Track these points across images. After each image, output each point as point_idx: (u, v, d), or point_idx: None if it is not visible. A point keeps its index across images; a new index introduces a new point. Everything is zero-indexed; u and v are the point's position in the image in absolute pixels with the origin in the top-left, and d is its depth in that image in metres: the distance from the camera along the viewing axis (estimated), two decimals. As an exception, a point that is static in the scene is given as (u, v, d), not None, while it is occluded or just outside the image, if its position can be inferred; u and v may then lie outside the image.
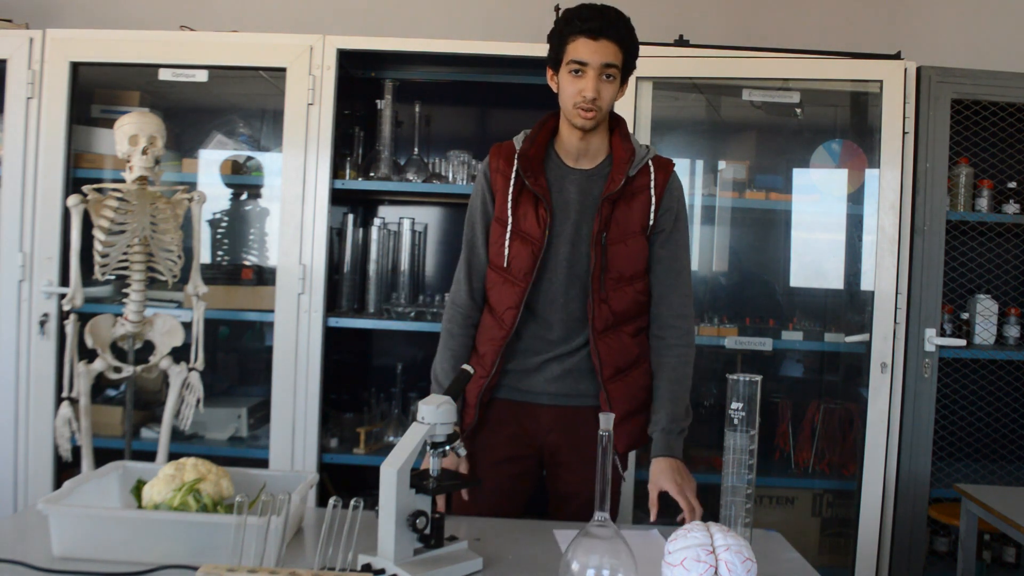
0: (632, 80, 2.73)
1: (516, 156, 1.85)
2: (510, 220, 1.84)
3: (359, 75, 3.16)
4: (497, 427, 1.90)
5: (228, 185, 3.20)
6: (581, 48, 1.76)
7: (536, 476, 1.95)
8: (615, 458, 1.88)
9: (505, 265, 1.85)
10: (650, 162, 1.86)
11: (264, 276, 3.06)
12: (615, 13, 1.78)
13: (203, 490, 1.53)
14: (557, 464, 1.91)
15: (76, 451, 2.31)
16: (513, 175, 1.85)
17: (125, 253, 2.21)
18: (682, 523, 1.70)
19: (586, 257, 1.83)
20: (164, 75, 2.81)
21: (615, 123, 1.90)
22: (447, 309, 1.96)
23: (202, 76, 2.82)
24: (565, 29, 1.78)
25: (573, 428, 1.87)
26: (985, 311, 2.98)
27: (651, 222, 1.85)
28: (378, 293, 3.07)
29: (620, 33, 1.76)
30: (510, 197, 1.85)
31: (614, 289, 1.83)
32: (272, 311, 2.78)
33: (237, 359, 3.37)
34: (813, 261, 3.20)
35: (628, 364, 1.86)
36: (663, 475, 1.78)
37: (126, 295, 2.25)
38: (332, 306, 2.92)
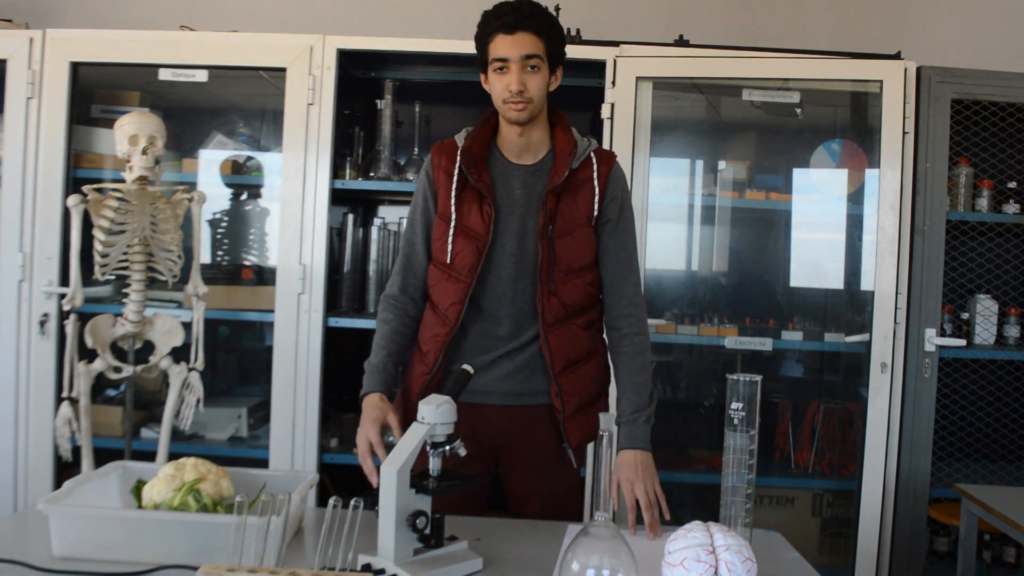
0: (632, 80, 2.75)
1: (459, 153, 1.85)
2: (453, 217, 1.84)
3: (359, 75, 3.16)
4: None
5: (228, 185, 3.20)
6: (500, 45, 1.77)
7: (493, 474, 1.94)
8: (570, 453, 1.88)
9: (449, 262, 1.85)
10: (592, 154, 1.87)
11: (264, 276, 3.06)
12: (529, 6, 1.79)
13: (203, 490, 1.53)
14: (512, 465, 1.91)
15: (76, 451, 2.31)
16: (456, 172, 1.85)
17: (125, 253, 2.21)
18: (640, 520, 1.72)
19: (533, 251, 1.83)
20: (164, 75, 2.81)
21: (556, 117, 1.90)
22: (380, 302, 1.94)
23: (202, 76, 2.82)
24: (484, 30, 1.80)
25: (525, 428, 1.87)
26: (985, 311, 2.97)
27: (596, 212, 1.85)
28: (378, 293, 3.06)
29: (536, 22, 1.77)
30: (453, 194, 1.85)
31: (563, 282, 1.83)
32: (272, 311, 2.78)
33: (237, 359, 3.37)
34: (813, 261, 3.20)
35: (579, 357, 1.87)
36: (620, 469, 1.80)
37: (126, 295, 2.25)
38: (332, 306, 2.92)
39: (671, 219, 3.14)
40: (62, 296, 2.39)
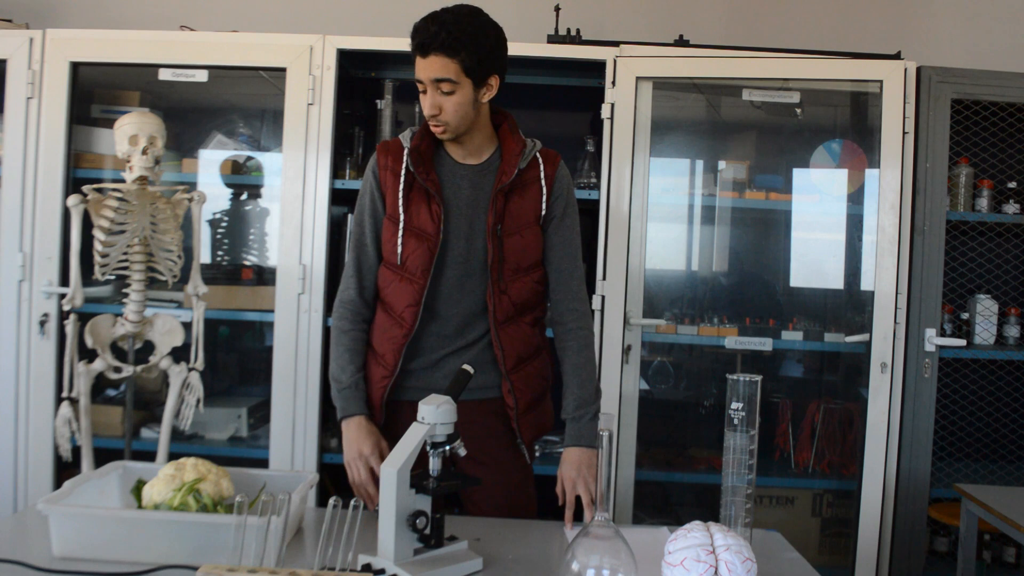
0: (632, 80, 2.75)
1: (407, 152, 1.84)
2: (402, 217, 1.84)
3: (359, 75, 3.16)
4: (404, 429, 1.80)
5: (228, 185, 3.20)
6: (417, 66, 1.76)
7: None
8: (522, 448, 1.90)
9: (400, 263, 1.84)
10: (538, 154, 1.89)
11: (264, 276, 3.06)
12: (440, 23, 1.72)
13: (203, 490, 1.53)
14: (465, 460, 1.86)
15: (76, 451, 2.31)
16: (403, 172, 1.84)
17: (125, 253, 2.21)
18: (580, 518, 1.73)
19: (482, 251, 1.84)
20: (164, 75, 2.81)
21: (502, 118, 1.90)
22: (336, 308, 1.93)
23: (202, 76, 2.82)
24: (411, 47, 1.77)
25: (478, 421, 1.87)
26: (985, 311, 2.98)
27: (543, 211, 1.87)
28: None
29: (446, 43, 1.71)
30: (401, 194, 1.84)
31: (512, 280, 1.85)
32: (272, 311, 2.78)
33: (237, 359, 3.37)
34: (813, 261, 3.20)
35: (529, 354, 1.90)
36: (563, 466, 1.81)
37: (126, 295, 2.25)
38: (332, 306, 2.91)
39: (671, 219, 3.14)
40: (62, 296, 2.39)
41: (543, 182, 1.88)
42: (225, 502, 1.55)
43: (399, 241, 1.83)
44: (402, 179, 1.85)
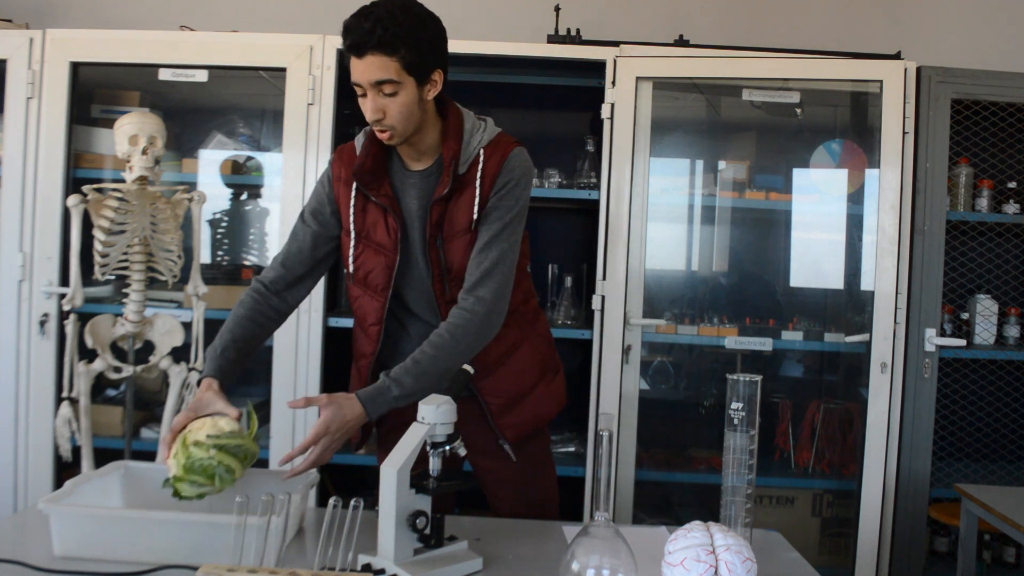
0: (632, 80, 2.75)
1: (355, 170, 1.73)
2: (354, 233, 1.75)
3: (359, 75, 3.15)
4: (390, 437, 1.78)
5: (228, 185, 3.20)
6: (353, 68, 1.61)
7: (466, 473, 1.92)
8: (507, 448, 1.83)
9: (359, 278, 1.78)
10: (482, 151, 1.72)
11: (264, 276, 3.05)
12: (374, 19, 1.57)
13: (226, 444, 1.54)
14: (476, 453, 1.84)
15: (76, 451, 2.31)
16: (354, 188, 1.75)
17: (125, 253, 2.21)
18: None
19: (427, 263, 1.75)
20: (164, 75, 2.81)
21: (451, 113, 1.74)
22: (251, 284, 1.83)
23: (202, 76, 2.81)
24: (343, 46, 1.63)
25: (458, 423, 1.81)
26: (985, 311, 2.98)
27: (475, 216, 1.71)
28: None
29: (384, 40, 1.57)
30: (353, 208, 1.75)
31: (457, 289, 1.73)
32: (272, 311, 2.78)
33: (237, 359, 3.36)
34: (813, 261, 3.20)
35: (497, 358, 1.79)
36: (329, 408, 1.65)
37: (126, 295, 2.25)
38: (332, 306, 2.92)
39: (671, 219, 3.14)
40: (62, 296, 2.39)
41: (478, 185, 1.71)
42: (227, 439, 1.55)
43: (355, 255, 1.76)
44: (354, 193, 1.75)
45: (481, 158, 1.73)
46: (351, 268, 1.78)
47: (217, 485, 1.53)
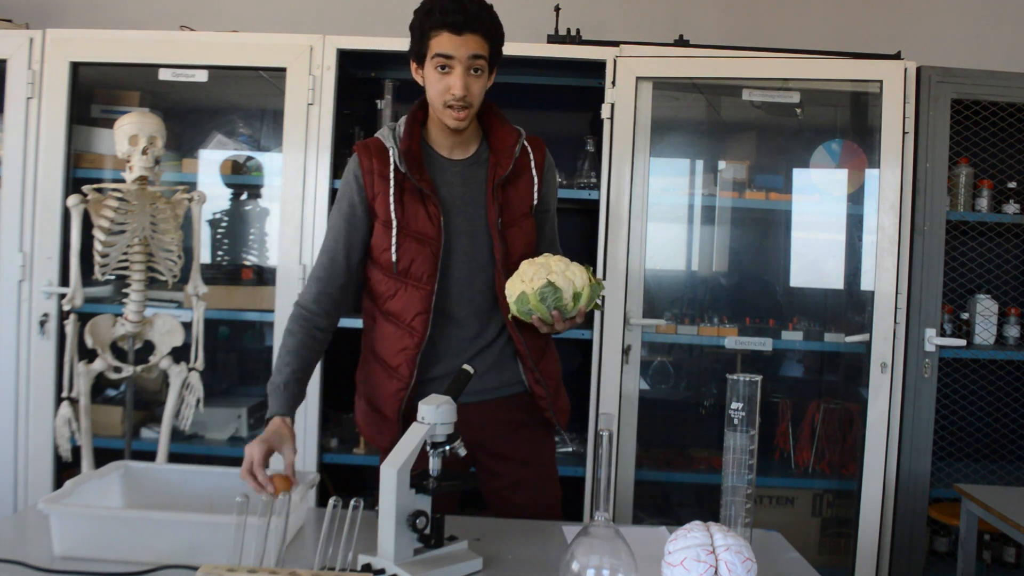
0: (632, 80, 2.75)
1: (395, 154, 1.76)
2: (395, 223, 1.76)
3: (359, 75, 3.15)
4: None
5: (228, 185, 3.20)
6: (445, 43, 1.69)
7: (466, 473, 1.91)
8: (562, 435, 1.89)
9: (400, 270, 1.77)
10: (526, 143, 1.86)
11: (264, 276, 3.06)
12: (477, 4, 1.71)
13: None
14: (489, 456, 1.87)
15: (76, 451, 2.31)
16: (392, 174, 1.77)
17: (125, 253, 2.22)
18: None
19: (486, 247, 1.80)
20: (164, 75, 2.81)
21: (485, 107, 1.85)
22: (292, 313, 1.83)
23: (202, 76, 2.81)
24: (426, 23, 1.70)
25: (504, 417, 1.85)
26: (985, 311, 2.98)
27: (535, 201, 1.86)
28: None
29: (484, 24, 1.70)
30: (392, 198, 1.76)
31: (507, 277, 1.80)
32: (272, 311, 2.78)
33: (237, 359, 3.37)
34: (813, 261, 3.20)
35: (545, 342, 1.88)
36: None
37: (126, 295, 2.25)
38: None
39: (671, 219, 3.14)
40: (62, 296, 2.39)
41: (534, 171, 1.85)
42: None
43: (397, 246, 1.76)
44: (391, 182, 1.77)
45: (529, 149, 1.86)
46: (393, 259, 1.77)
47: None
